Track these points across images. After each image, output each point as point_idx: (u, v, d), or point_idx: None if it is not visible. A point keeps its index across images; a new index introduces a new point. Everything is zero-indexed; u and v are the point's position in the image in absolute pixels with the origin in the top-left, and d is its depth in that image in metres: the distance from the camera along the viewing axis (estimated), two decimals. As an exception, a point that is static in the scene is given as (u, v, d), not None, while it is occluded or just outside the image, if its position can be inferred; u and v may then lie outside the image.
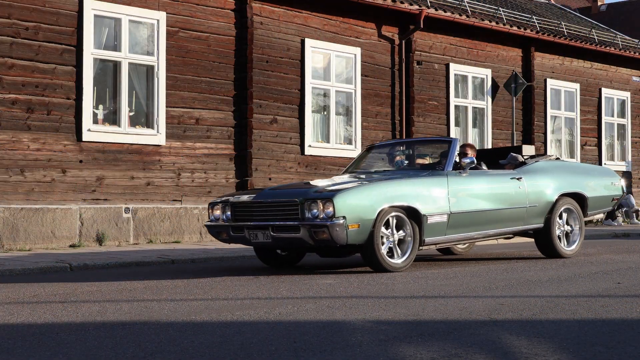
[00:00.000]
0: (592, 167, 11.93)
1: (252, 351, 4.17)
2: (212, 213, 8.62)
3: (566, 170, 10.33)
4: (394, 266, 8.15)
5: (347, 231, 7.75)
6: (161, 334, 4.72)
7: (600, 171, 11.19)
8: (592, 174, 10.70)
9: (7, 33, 11.21)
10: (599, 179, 10.60)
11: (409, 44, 16.21)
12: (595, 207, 10.41)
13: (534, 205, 9.52)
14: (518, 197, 9.39)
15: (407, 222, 8.26)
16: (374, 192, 8.13)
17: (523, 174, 9.59)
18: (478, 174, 9.26)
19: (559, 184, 9.86)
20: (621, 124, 21.32)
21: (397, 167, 9.55)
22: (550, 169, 10.02)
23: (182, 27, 12.95)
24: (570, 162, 11.84)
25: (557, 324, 5.00)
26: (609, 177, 10.80)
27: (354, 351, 4.15)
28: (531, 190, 9.52)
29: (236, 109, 13.59)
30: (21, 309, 5.82)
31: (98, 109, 12.18)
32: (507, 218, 9.33)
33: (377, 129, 15.67)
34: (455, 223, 8.67)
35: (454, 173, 8.88)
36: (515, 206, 9.37)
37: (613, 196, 10.69)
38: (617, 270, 8.35)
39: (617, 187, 10.73)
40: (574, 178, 10.18)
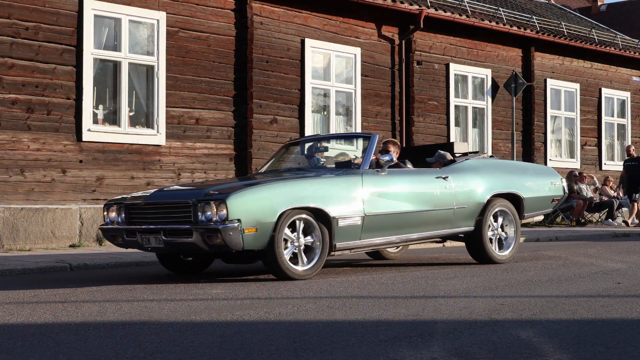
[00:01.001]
0: (530, 165, 11.24)
1: (252, 351, 4.17)
2: (108, 215, 7.90)
3: (499, 169, 9.63)
4: (298, 273, 7.43)
5: (243, 235, 7.05)
6: (161, 334, 4.72)
7: (539, 170, 10.39)
8: (529, 174, 9.97)
9: (7, 33, 11.21)
10: (537, 179, 9.89)
11: (409, 44, 16.21)
12: (533, 208, 9.71)
13: (462, 207, 8.83)
14: (444, 197, 8.69)
15: (315, 226, 7.53)
16: (275, 192, 7.41)
17: (450, 173, 8.87)
18: (398, 173, 8.57)
19: (491, 184, 9.16)
20: (621, 124, 21.32)
21: (313, 165, 8.77)
22: (481, 168, 9.31)
23: (182, 27, 12.95)
24: (504, 161, 10.97)
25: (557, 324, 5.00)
26: (549, 176, 10.05)
27: (354, 351, 4.15)
28: (459, 190, 8.83)
29: (236, 109, 13.59)
30: (21, 309, 5.82)
31: (98, 109, 12.18)
32: (432, 220, 8.64)
33: (377, 129, 15.66)
34: (371, 226, 7.95)
35: (371, 172, 8.17)
36: (440, 208, 8.66)
37: (553, 197, 9.94)
38: (617, 270, 8.35)
39: (557, 187, 9.98)
40: (508, 177, 9.50)
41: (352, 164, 8.44)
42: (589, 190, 19.14)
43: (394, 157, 8.61)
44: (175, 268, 8.40)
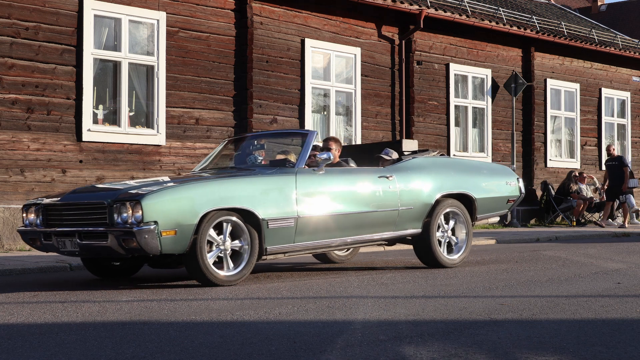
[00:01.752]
0: (484, 164, 10.65)
1: (252, 351, 4.17)
2: (27, 217, 7.42)
3: (449, 168, 9.09)
4: (222, 279, 6.99)
5: (160, 239, 6.61)
6: (161, 334, 4.72)
7: (494, 170, 9.85)
8: (483, 173, 9.47)
9: (7, 33, 11.21)
10: (491, 178, 9.42)
11: (409, 44, 16.21)
12: (487, 209, 9.23)
13: (408, 208, 8.35)
14: (387, 198, 8.20)
15: (244, 229, 7.10)
16: (197, 192, 6.94)
17: (395, 172, 8.38)
18: (337, 172, 8.03)
19: (440, 184, 8.69)
20: (621, 124, 21.32)
21: (250, 164, 8.30)
22: (430, 167, 8.81)
23: (182, 27, 12.95)
24: (456, 159, 10.38)
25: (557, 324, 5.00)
26: (504, 176, 9.57)
27: (354, 351, 4.15)
28: (404, 190, 8.34)
29: (236, 109, 13.59)
30: (21, 309, 5.82)
31: (98, 109, 12.18)
32: (374, 223, 8.14)
33: (377, 129, 15.67)
34: (306, 229, 7.50)
35: (307, 171, 7.68)
36: (383, 209, 8.17)
37: (508, 197, 9.45)
38: (617, 270, 8.35)
39: (513, 187, 9.49)
40: (459, 177, 8.99)
41: (287, 162, 7.87)
42: (589, 190, 19.14)
43: (335, 155, 8.32)
44: (101, 273, 7.96)
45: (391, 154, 8.79)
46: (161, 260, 7.40)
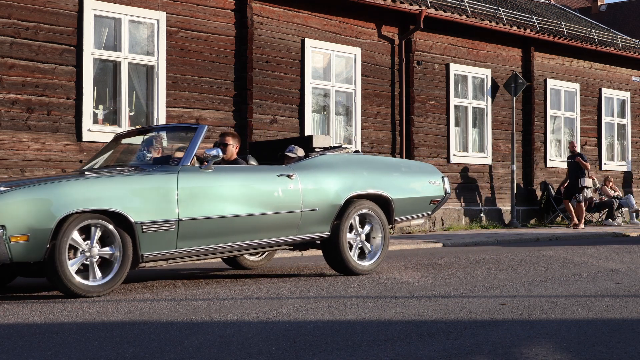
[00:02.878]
0: (404, 162, 9.89)
1: (252, 351, 4.18)
2: None
3: (363, 166, 8.38)
4: (87, 289, 6.34)
5: (9, 245, 5.98)
6: (161, 334, 4.72)
7: (414, 167, 9.17)
8: (402, 171, 8.79)
9: (7, 33, 11.21)
10: (411, 177, 8.74)
11: (409, 44, 16.21)
12: (406, 211, 8.55)
13: (312, 210, 7.66)
14: (288, 199, 7.52)
15: (115, 233, 6.43)
16: (54, 193, 6.23)
17: (297, 171, 7.70)
18: (229, 170, 7.44)
19: (351, 183, 7.99)
20: (621, 124, 21.32)
21: (138, 161, 7.65)
22: (339, 164, 8.10)
23: (182, 27, 12.95)
24: (371, 157, 9.57)
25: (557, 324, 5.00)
26: (426, 174, 8.89)
27: (354, 351, 4.15)
28: (307, 190, 7.66)
29: (236, 109, 13.59)
30: (21, 309, 5.82)
31: (98, 109, 12.18)
32: (273, 226, 7.45)
33: (377, 129, 15.67)
34: (190, 233, 6.81)
35: (193, 169, 7.06)
36: (283, 210, 7.48)
37: (431, 198, 8.77)
38: (617, 270, 8.35)
39: (436, 187, 8.82)
40: (374, 175, 8.30)
41: (171, 159, 7.19)
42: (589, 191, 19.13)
43: (232, 152, 7.89)
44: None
45: (296, 151, 8.15)
46: (27, 269, 6.61)
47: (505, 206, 17.98)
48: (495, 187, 17.86)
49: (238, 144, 8.14)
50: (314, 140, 8.59)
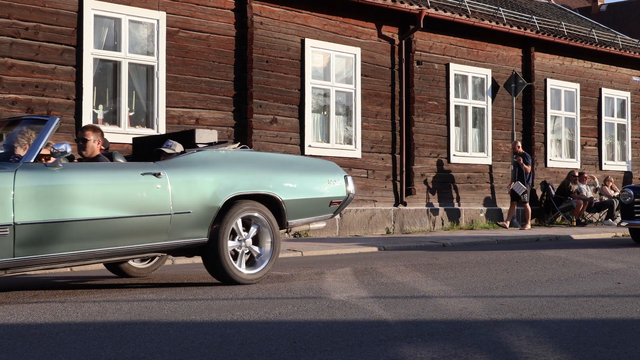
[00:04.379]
0: (299, 159, 8.99)
1: (252, 351, 4.18)
2: None
3: (249, 164, 7.56)
4: None
5: None
6: (161, 334, 4.72)
7: (312, 165, 8.28)
8: (296, 170, 7.93)
9: (7, 33, 11.21)
10: (307, 176, 7.90)
11: (409, 44, 16.21)
12: (301, 213, 7.77)
13: (184, 212, 6.87)
14: (154, 200, 6.72)
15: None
16: None
17: (167, 169, 6.89)
18: (81, 168, 6.61)
19: (232, 182, 7.20)
20: (621, 124, 21.32)
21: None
22: (219, 162, 7.32)
23: (182, 27, 12.95)
24: (259, 153, 8.42)
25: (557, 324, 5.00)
26: (326, 173, 8.06)
27: (354, 351, 4.15)
28: (179, 190, 6.87)
29: (236, 109, 13.59)
30: (21, 309, 5.82)
31: (98, 109, 12.18)
32: (136, 230, 6.64)
33: (377, 129, 15.67)
34: (30, 239, 6.04)
35: (36, 167, 6.22)
36: (148, 213, 6.69)
37: (332, 199, 7.96)
38: (617, 270, 8.35)
39: (338, 187, 8.01)
40: (262, 174, 7.49)
41: (12, 155, 6.40)
42: (589, 191, 19.13)
43: (94, 148, 7.25)
44: None
45: (174, 147, 7.33)
46: None
47: (505, 206, 17.98)
48: (495, 187, 17.86)
49: (100, 139, 7.38)
50: (197, 134, 7.73)
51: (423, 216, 16.32)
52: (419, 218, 16.25)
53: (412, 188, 16.01)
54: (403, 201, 15.99)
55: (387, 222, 15.65)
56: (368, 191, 15.44)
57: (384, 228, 15.57)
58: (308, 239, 13.82)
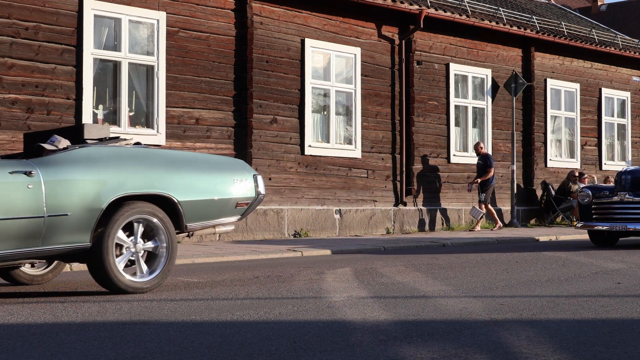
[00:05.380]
0: (200, 156, 8.11)
1: (252, 351, 4.17)
2: None
3: (140, 162, 6.88)
4: None
5: None
6: (161, 334, 4.72)
7: (215, 164, 7.61)
8: (195, 168, 7.26)
9: (7, 33, 11.21)
10: (208, 175, 7.25)
11: (409, 44, 16.21)
12: (202, 216, 7.12)
13: (61, 215, 6.23)
14: (23, 201, 6.08)
15: None
16: None
17: (41, 167, 6.24)
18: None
19: (120, 182, 6.56)
20: (621, 124, 21.32)
21: None
22: (105, 159, 6.65)
23: (182, 27, 12.95)
24: (153, 150, 7.59)
25: (557, 324, 5.00)
26: (231, 172, 7.41)
27: (354, 351, 4.15)
28: (54, 190, 6.21)
29: (236, 109, 13.58)
30: (21, 309, 5.82)
31: (98, 109, 12.18)
32: (2, 236, 6.01)
33: (377, 129, 15.67)
34: None
35: None
36: (17, 216, 6.05)
37: (238, 200, 7.30)
38: (617, 270, 8.35)
39: (245, 187, 7.35)
40: (155, 173, 6.85)
41: None
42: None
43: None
44: None
45: (57, 143, 6.66)
46: None
47: (505, 206, 17.98)
48: (495, 187, 17.86)
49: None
50: (86, 130, 7.03)
51: (423, 216, 16.32)
52: (419, 218, 16.25)
53: (412, 188, 16.02)
54: (403, 201, 15.99)
55: (387, 222, 15.65)
56: (368, 191, 15.44)
57: (384, 228, 15.57)
58: (308, 239, 13.83)
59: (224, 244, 12.41)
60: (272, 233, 13.88)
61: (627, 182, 11.93)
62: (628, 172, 12.18)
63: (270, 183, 13.88)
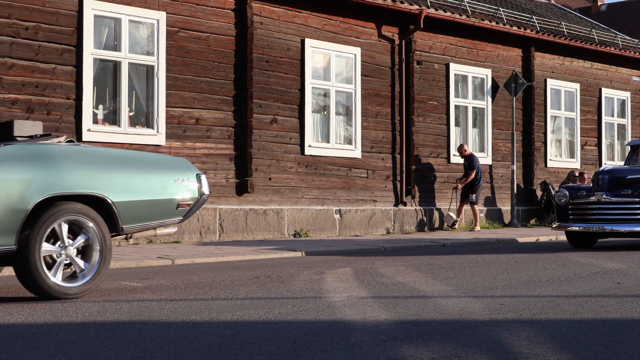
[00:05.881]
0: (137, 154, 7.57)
1: (252, 351, 4.17)
2: None
3: (71, 160, 6.48)
4: None
5: None
6: (161, 334, 4.72)
7: (155, 163, 7.31)
8: (132, 167, 6.90)
9: (7, 33, 11.21)
10: (147, 175, 6.91)
11: (409, 44, 16.21)
12: (139, 217, 6.76)
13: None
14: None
15: None
16: None
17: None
18: None
19: (48, 181, 6.20)
20: (621, 124, 21.32)
21: None
22: (32, 158, 6.29)
23: (182, 27, 12.94)
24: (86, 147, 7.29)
25: (557, 324, 5.00)
26: (172, 171, 7.04)
27: (354, 351, 4.15)
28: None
29: (236, 109, 13.58)
30: (21, 309, 5.82)
31: (98, 109, 12.18)
32: None
33: (377, 129, 15.67)
34: None
35: None
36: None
37: (179, 201, 6.95)
38: (617, 270, 8.35)
39: (186, 187, 7.01)
40: (87, 172, 6.48)
41: None
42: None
43: None
44: None
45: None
46: None
47: (505, 206, 17.98)
48: (495, 187, 17.86)
49: None
50: (16, 126, 6.73)
51: (423, 216, 16.32)
52: (419, 218, 16.25)
53: (412, 188, 16.02)
54: (403, 201, 15.99)
55: (387, 222, 15.65)
56: (368, 191, 15.44)
57: (384, 228, 15.57)
58: (308, 240, 13.83)
59: (224, 244, 12.41)
60: (272, 233, 13.88)
61: (605, 181, 11.52)
62: (605, 171, 11.79)
63: (270, 183, 13.89)
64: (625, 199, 11.32)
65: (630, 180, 11.53)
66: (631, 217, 11.32)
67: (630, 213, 11.32)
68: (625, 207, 11.35)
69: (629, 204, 11.31)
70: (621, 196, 11.36)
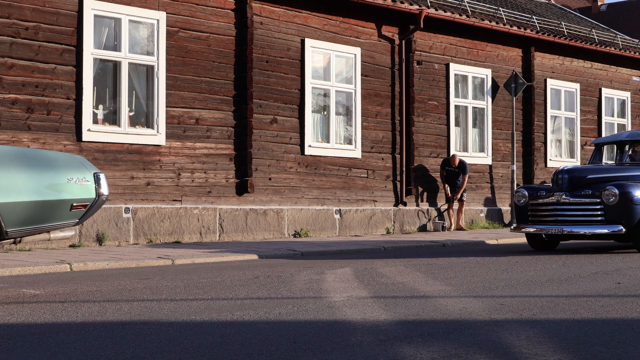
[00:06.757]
0: (22, 152, 6.82)
1: (252, 351, 4.18)
2: None
3: None
4: None
5: None
6: (161, 334, 4.72)
7: (45, 160, 6.46)
8: (17, 165, 6.15)
9: (7, 33, 11.21)
10: (33, 174, 6.16)
11: (409, 44, 16.21)
12: (27, 220, 6.10)
13: None
14: None
15: None
16: None
17: None
18: None
19: None
20: (621, 124, 21.32)
21: None
22: None
23: (182, 27, 12.94)
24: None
25: (557, 324, 5.00)
26: (64, 170, 6.36)
27: (354, 351, 4.15)
28: None
29: (236, 109, 13.58)
30: (21, 309, 5.82)
31: (98, 109, 12.18)
32: None
33: (377, 129, 15.66)
34: None
35: None
36: None
37: (73, 202, 6.32)
38: (617, 270, 8.35)
39: (81, 188, 6.35)
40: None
41: None
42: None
43: None
44: None
45: None
46: None
47: (505, 206, 17.98)
48: (495, 187, 17.86)
49: None
50: None
51: (423, 216, 16.31)
52: (419, 218, 16.25)
53: (412, 188, 16.02)
54: (403, 201, 15.99)
55: (387, 222, 15.65)
56: (368, 191, 15.44)
57: (384, 228, 15.57)
58: (308, 240, 13.83)
59: (224, 244, 12.41)
60: (272, 233, 13.88)
61: (565, 181, 11.04)
62: (565, 170, 11.27)
63: (270, 183, 13.89)
64: (586, 199, 10.81)
65: (590, 180, 11.11)
66: (591, 218, 10.77)
67: (590, 214, 10.78)
68: (586, 207, 10.82)
69: (589, 205, 10.79)
70: (581, 196, 10.86)
